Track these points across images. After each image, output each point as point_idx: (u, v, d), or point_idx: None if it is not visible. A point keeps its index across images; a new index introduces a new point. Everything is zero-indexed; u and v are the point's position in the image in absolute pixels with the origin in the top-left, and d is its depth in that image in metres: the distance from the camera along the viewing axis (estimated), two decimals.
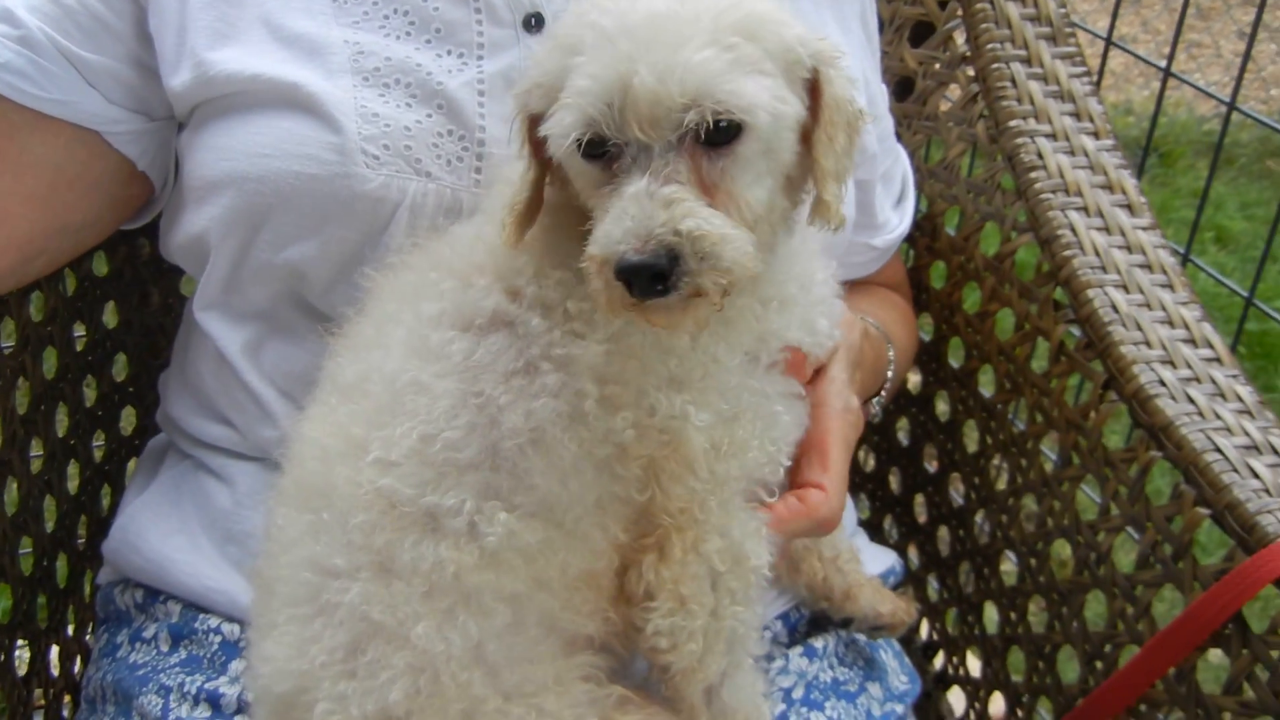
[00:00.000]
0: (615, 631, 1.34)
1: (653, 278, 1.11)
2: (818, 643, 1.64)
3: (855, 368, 1.51)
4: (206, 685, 1.52)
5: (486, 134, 1.48)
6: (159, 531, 1.63)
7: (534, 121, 1.24)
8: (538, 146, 1.25)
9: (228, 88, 1.48)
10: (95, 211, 1.60)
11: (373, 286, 1.37)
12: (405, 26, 1.52)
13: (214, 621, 1.57)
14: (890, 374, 1.70)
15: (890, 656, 1.72)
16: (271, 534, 1.33)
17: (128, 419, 2.03)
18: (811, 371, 1.42)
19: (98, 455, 1.98)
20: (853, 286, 1.83)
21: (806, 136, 1.24)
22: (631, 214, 1.12)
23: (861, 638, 1.69)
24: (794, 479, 1.42)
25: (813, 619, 1.67)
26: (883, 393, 1.70)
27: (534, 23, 1.52)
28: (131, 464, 2.05)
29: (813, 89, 1.23)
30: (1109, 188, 1.83)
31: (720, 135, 1.15)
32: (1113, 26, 2.27)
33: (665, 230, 1.11)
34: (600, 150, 1.17)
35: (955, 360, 2.01)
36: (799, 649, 1.63)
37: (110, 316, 1.94)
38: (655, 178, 1.13)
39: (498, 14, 1.53)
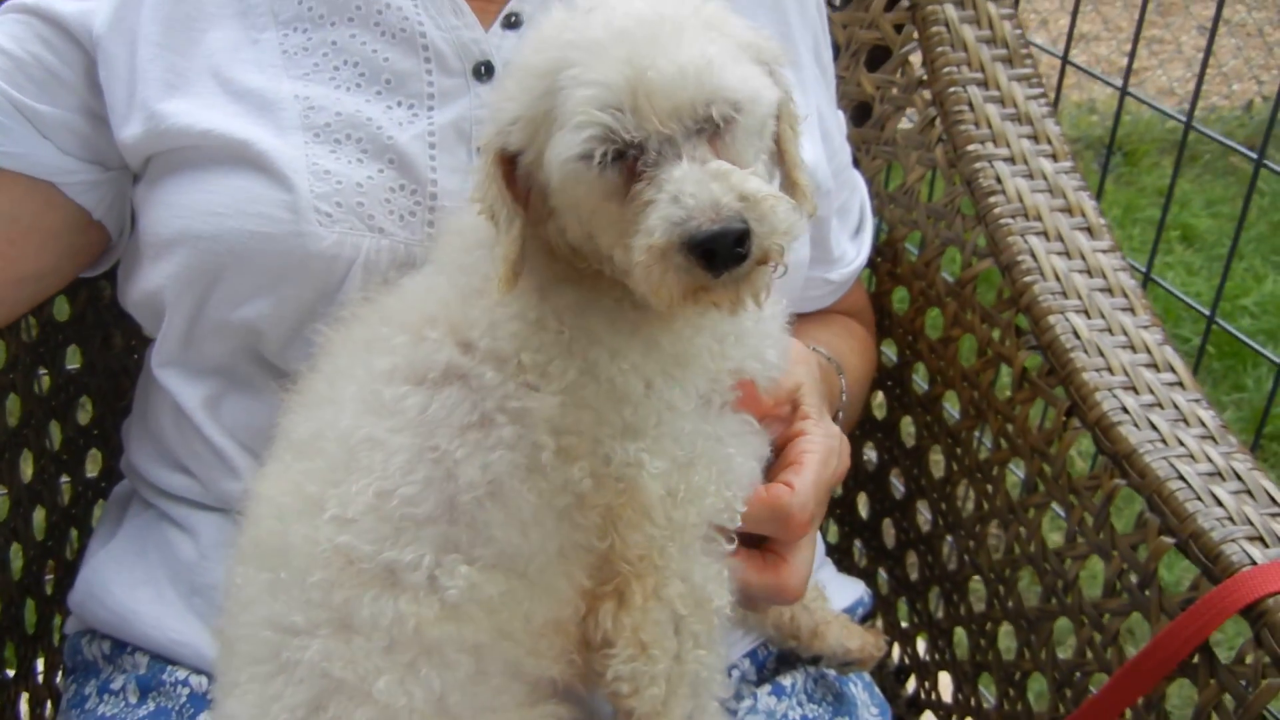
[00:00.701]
0: (579, 674, 1.34)
1: (734, 241, 1.11)
2: (786, 680, 1.64)
3: (824, 400, 1.51)
4: None
5: (438, 187, 1.48)
6: (124, 583, 1.62)
7: (508, 164, 1.24)
8: (516, 193, 1.25)
9: (180, 141, 1.48)
10: (52, 261, 1.60)
11: (325, 342, 1.37)
12: (355, 78, 1.52)
13: (181, 674, 1.56)
14: (843, 402, 1.70)
15: (860, 689, 1.72)
16: (231, 593, 1.33)
17: (93, 462, 2.02)
18: (766, 401, 1.41)
19: (64, 500, 1.97)
20: (811, 316, 1.83)
21: None
22: (690, 192, 1.12)
23: (831, 673, 1.69)
24: None
25: (781, 656, 1.67)
26: (838, 423, 1.70)
27: (484, 71, 1.52)
28: (98, 507, 2.04)
29: None
30: (1069, 210, 1.83)
31: (721, 119, 1.17)
32: (1069, 43, 2.27)
33: (731, 197, 1.12)
34: (618, 158, 1.16)
35: (920, 385, 2.01)
36: (767, 688, 1.62)
37: (73, 360, 1.93)
38: (694, 160, 1.14)
39: (447, 63, 1.53)
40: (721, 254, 1.11)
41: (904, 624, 2.12)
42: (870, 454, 2.14)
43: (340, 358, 1.35)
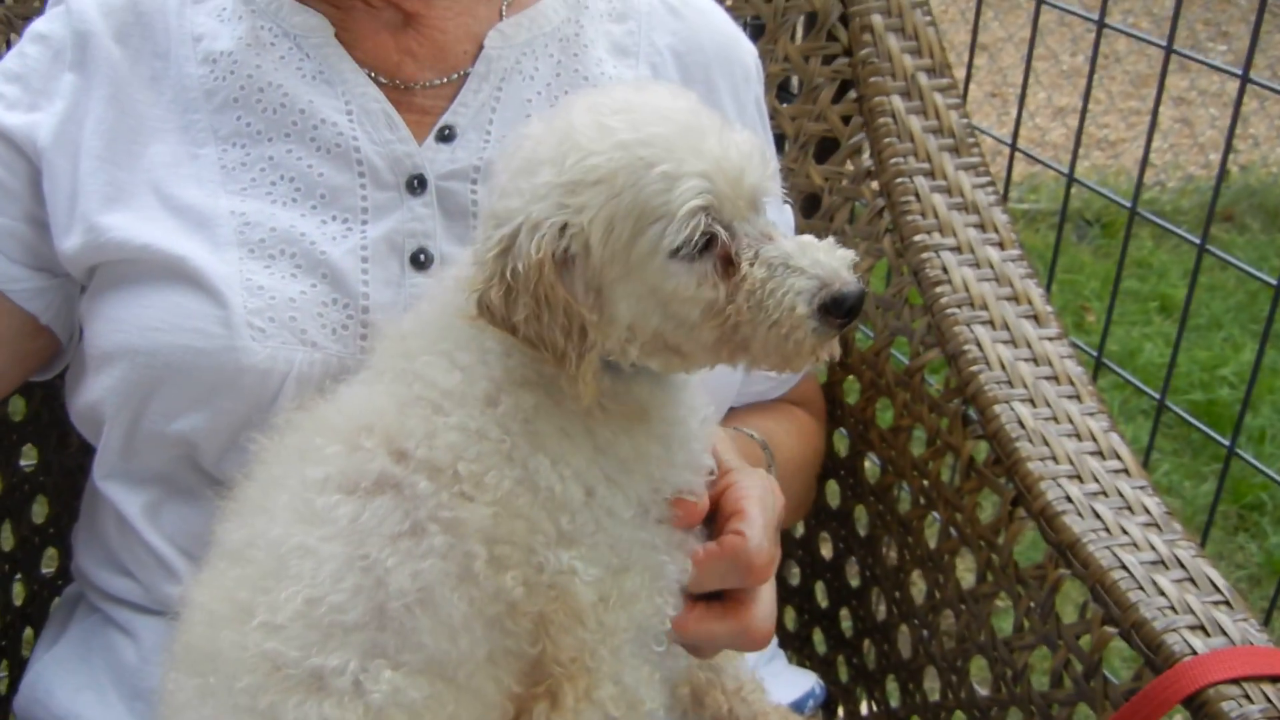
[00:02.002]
0: None
1: (860, 301, 1.23)
2: None
3: (740, 455, 1.50)
4: None
5: (370, 300, 1.50)
6: (68, 687, 1.62)
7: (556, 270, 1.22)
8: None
9: (119, 254, 1.50)
10: (0, 366, 1.61)
11: (260, 450, 1.37)
12: (291, 193, 1.54)
13: None
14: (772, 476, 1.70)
15: None
16: (164, 698, 1.34)
17: (49, 560, 2.02)
18: (704, 507, 1.41)
19: (18, 599, 1.97)
20: (748, 405, 1.84)
21: None
22: (819, 259, 1.22)
23: None
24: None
25: None
26: None
27: (416, 184, 1.54)
28: (55, 605, 2.04)
29: None
30: (1015, 299, 1.85)
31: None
32: (1016, 131, 2.29)
33: (844, 263, 1.23)
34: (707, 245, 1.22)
35: (873, 474, 2.01)
36: None
37: (28, 459, 1.94)
38: (784, 237, 1.24)
39: (381, 177, 1.55)
40: (858, 308, 1.23)
41: (864, 712, 2.11)
42: (826, 543, 2.14)
43: (274, 466, 1.35)
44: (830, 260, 1.21)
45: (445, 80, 1.60)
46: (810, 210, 2.06)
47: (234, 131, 1.56)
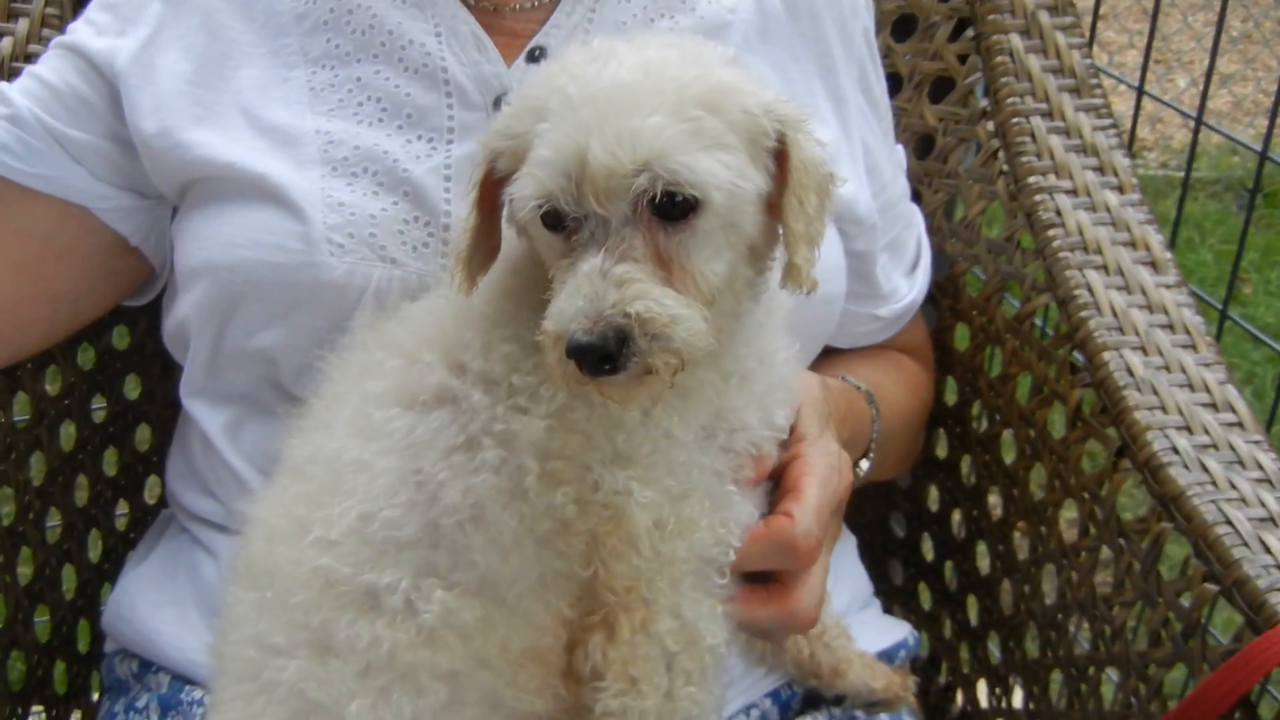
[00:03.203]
0: (566, 709, 1.31)
1: (600, 358, 1.12)
2: None
3: (826, 418, 1.46)
4: None
5: (452, 219, 1.49)
6: (150, 604, 1.65)
7: (489, 176, 1.25)
8: (487, 198, 1.26)
9: (203, 171, 1.52)
10: (88, 283, 1.64)
11: (328, 369, 1.38)
12: (378, 113, 1.54)
13: (198, 694, 1.58)
14: (875, 430, 1.65)
15: None
16: (224, 612, 1.34)
17: (153, 488, 2.05)
18: (771, 462, 1.38)
19: (121, 524, 2.00)
20: (856, 349, 1.79)
21: (772, 204, 1.22)
22: (584, 292, 1.13)
23: (860, 715, 1.63)
24: None
25: (807, 697, 1.62)
26: (871, 450, 1.65)
27: (504, 105, 1.52)
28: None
29: (780, 154, 1.22)
30: (1132, 245, 1.77)
31: (676, 209, 1.15)
32: (1143, 76, 2.19)
33: (615, 312, 1.12)
34: (559, 222, 1.17)
35: (979, 424, 1.95)
36: None
37: (132, 388, 1.97)
38: (610, 254, 1.14)
39: (468, 97, 1.54)
40: (587, 366, 1.12)
41: (965, 669, 2.05)
42: (933, 494, 2.08)
43: (338, 383, 1.36)
44: (595, 302, 1.12)
45: (537, 4, 1.59)
46: (924, 151, 2.00)
47: (323, 53, 1.57)
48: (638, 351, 1.12)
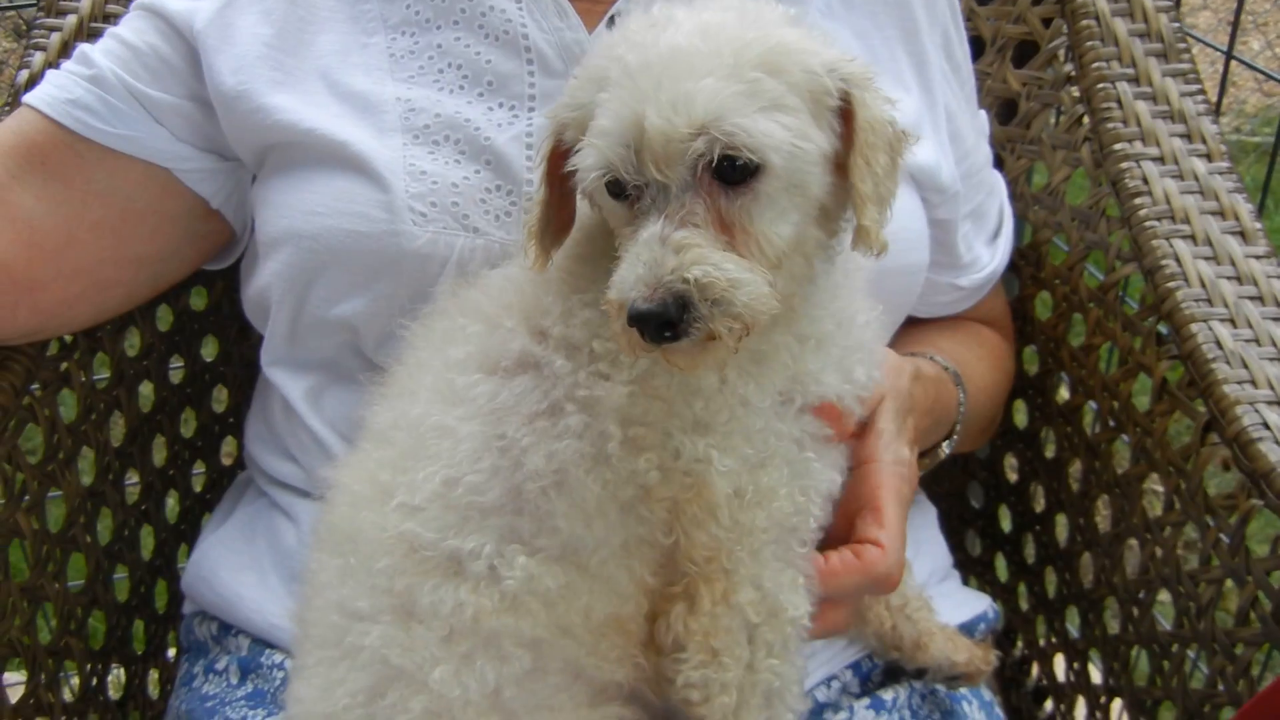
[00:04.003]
0: (647, 678, 1.30)
1: (661, 325, 1.11)
2: (887, 695, 1.58)
3: (907, 414, 1.45)
4: None
5: (534, 187, 1.47)
6: (231, 567, 1.65)
7: (561, 150, 1.24)
8: (555, 171, 1.26)
9: (285, 136, 1.52)
10: (170, 245, 1.64)
11: (410, 336, 1.37)
12: (458, 80, 1.54)
13: (278, 657, 1.58)
14: (960, 414, 1.63)
15: (975, 709, 1.64)
16: (307, 577, 1.35)
17: (229, 449, 2.06)
18: (850, 426, 1.36)
19: (197, 485, 2.02)
20: (938, 321, 1.77)
21: (841, 164, 1.20)
22: (644, 260, 1.12)
23: (941, 689, 1.62)
24: (850, 536, 1.37)
25: (887, 669, 1.61)
26: (955, 433, 1.63)
27: None
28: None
29: (846, 114, 1.20)
30: (1220, 214, 1.73)
31: (737, 173, 1.14)
32: (1233, 38, 2.15)
33: (674, 278, 1.11)
34: (623, 190, 1.17)
35: (1061, 395, 1.92)
36: (865, 701, 1.57)
37: (209, 350, 1.97)
38: (670, 221, 1.13)
39: (549, 64, 1.53)
40: (649, 333, 1.11)
41: (1041, 642, 2.03)
42: (1012, 465, 2.06)
43: (421, 349, 1.35)
44: (654, 269, 1.11)
45: None
46: (1006, 117, 1.96)
47: (403, 20, 1.56)
48: (699, 317, 1.11)
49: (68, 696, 1.76)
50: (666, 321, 1.10)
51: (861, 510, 1.38)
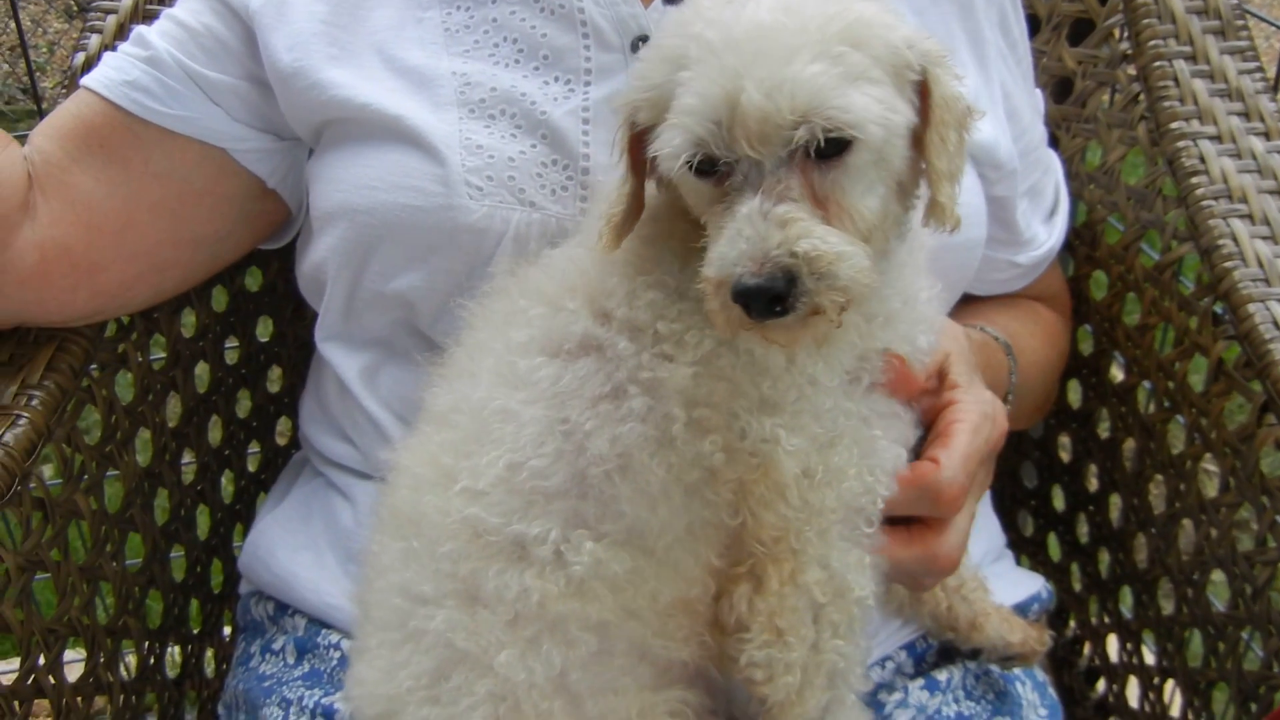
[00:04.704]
0: (713, 655, 1.31)
1: (770, 300, 1.09)
2: (941, 675, 1.57)
3: (973, 368, 1.44)
4: (324, 700, 1.54)
5: (591, 162, 1.48)
6: (287, 547, 1.66)
7: (636, 134, 1.23)
8: (636, 158, 1.24)
9: (341, 112, 1.52)
10: (227, 226, 1.65)
11: (468, 316, 1.37)
12: (514, 54, 1.53)
13: (335, 637, 1.59)
14: (1012, 383, 1.62)
15: (1029, 689, 1.64)
16: (368, 560, 1.35)
17: (283, 429, 2.07)
18: (918, 379, 1.35)
19: (252, 465, 2.03)
20: (994, 298, 1.76)
21: (917, 139, 1.20)
22: (746, 235, 1.10)
23: (995, 669, 1.62)
24: None
25: (942, 650, 1.61)
26: (1009, 401, 1.62)
27: (642, 46, 1.50)
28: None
29: (921, 90, 1.19)
30: (1278, 193, 1.72)
31: (831, 148, 1.12)
32: None
33: (781, 252, 1.09)
34: (711, 168, 1.15)
35: (1116, 375, 1.91)
36: (920, 681, 1.56)
37: (264, 330, 1.98)
38: (768, 196, 1.12)
39: (605, 38, 1.52)
40: (756, 309, 1.10)
41: (1094, 623, 2.02)
42: (1065, 444, 2.05)
43: (481, 331, 1.35)
44: (760, 243, 1.09)
45: None
46: (1062, 95, 1.95)
47: None
48: (805, 291, 1.09)
49: (125, 675, 1.78)
50: (776, 296, 1.09)
51: (933, 437, 1.37)
